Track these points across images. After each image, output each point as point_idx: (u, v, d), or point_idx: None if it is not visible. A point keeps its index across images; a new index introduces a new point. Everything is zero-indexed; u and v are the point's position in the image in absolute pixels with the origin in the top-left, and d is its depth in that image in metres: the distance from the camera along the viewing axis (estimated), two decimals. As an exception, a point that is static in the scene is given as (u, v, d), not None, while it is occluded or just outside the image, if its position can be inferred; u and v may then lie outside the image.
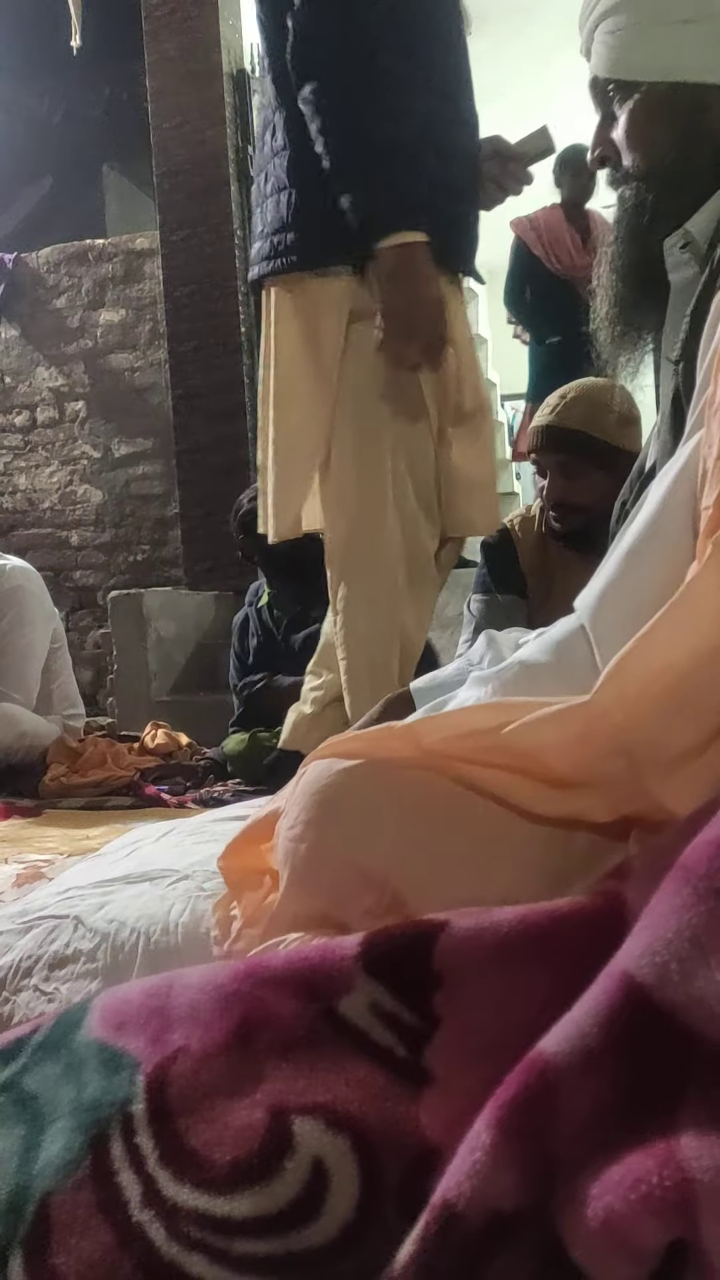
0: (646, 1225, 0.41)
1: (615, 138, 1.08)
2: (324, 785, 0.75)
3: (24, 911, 1.09)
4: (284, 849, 0.77)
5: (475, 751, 0.70)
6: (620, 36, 1.03)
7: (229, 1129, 0.52)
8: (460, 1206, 0.44)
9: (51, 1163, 0.53)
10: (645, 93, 1.04)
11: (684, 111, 1.02)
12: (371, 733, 0.77)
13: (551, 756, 0.67)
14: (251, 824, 0.87)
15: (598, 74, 1.08)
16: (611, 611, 0.77)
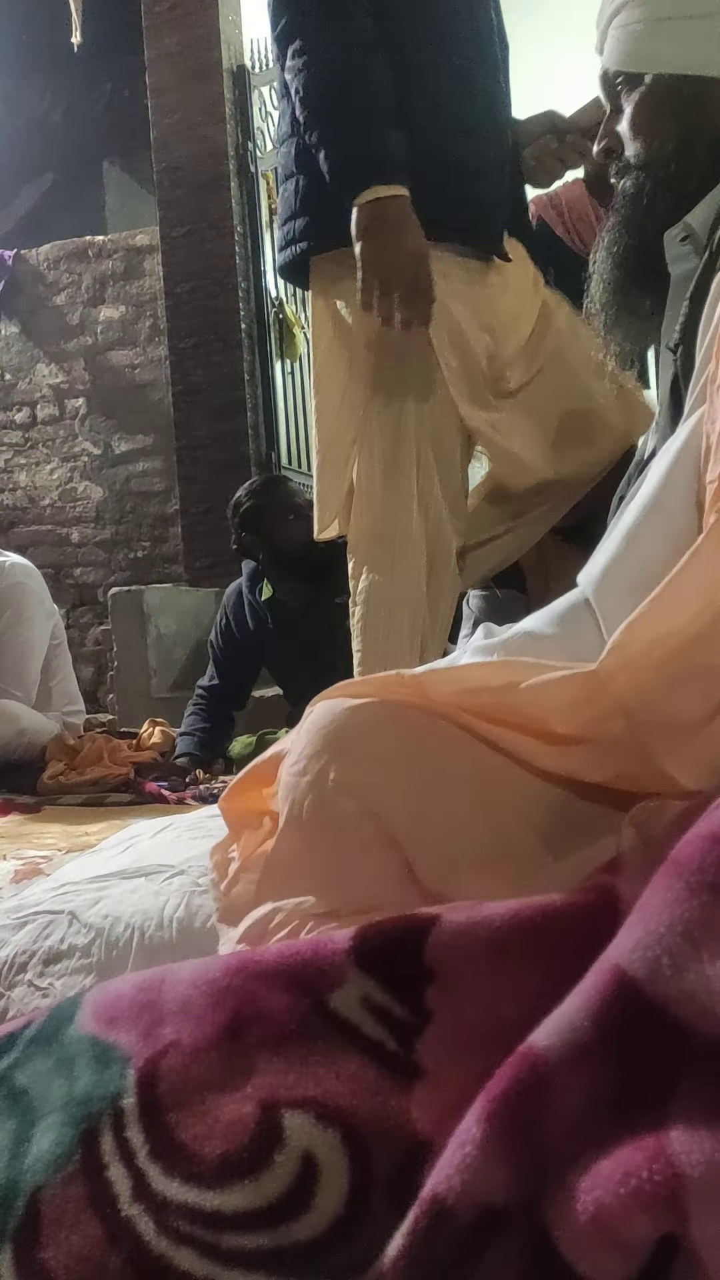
0: (636, 1219, 0.41)
1: (620, 129, 1.12)
2: (330, 720, 0.75)
3: (19, 907, 1.09)
4: (286, 784, 0.76)
5: (481, 707, 0.70)
6: (631, 30, 1.06)
7: (219, 1123, 0.52)
8: (450, 1201, 0.44)
9: (42, 1157, 0.53)
10: (651, 84, 1.07)
11: (687, 103, 1.05)
12: (380, 678, 0.77)
13: (554, 719, 0.67)
14: (255, 765, 0.86)
15: (608, 67, 1.11)
16: (615, 585, 0.78)
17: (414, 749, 0.72)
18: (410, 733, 0.73)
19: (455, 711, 0.71)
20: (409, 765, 0.72)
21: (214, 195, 4.48)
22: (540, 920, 0.55)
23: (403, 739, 0.73)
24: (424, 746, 0.72)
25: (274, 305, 4.65)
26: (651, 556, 0.76)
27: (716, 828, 0.50)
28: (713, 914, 0.47)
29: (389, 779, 0.72)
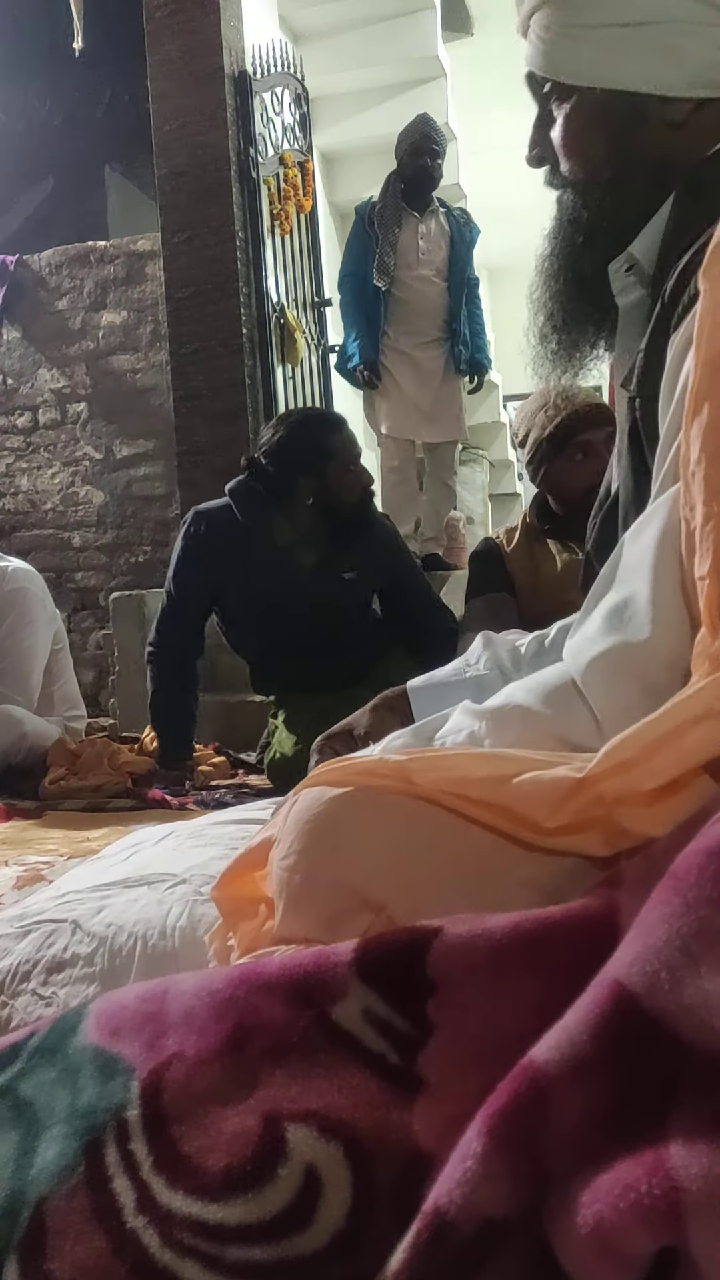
0: (635, 1233, 0.42)
1: (553, 139, 1.01)
2: (316, 813, 0.75)
3: (22, 915, 1.09)
4: (278, 879, 0.77)
5: (466, 797, 0.70)
6: (554, 34, 0.95)
7: (222, 1135, 0.52)
8: (451, 1214, 0.44)
9: (46, 1168, 0.54)
10: (581, 97, 0.97)
11: (621, 121, 0.95)
12: (363, 763, 0.77)
13: (541, 815, 0.67)
14: (244, 852, 0.87)
15: (533, 70, 1.01)
16: (602, 672, 0.76)
17: (406, 837, 0.72)
18: (400, 820, 0.72)
19: (443, 796, 0.71)
20: (402, 854, 0.71)
21: (215, 200, 4.49)
22: (540, 933, 0.56)
23: (393, 828, 0.72)
24: (415, 833, 0.71)
25: (275, 310, 4.66)
26: (640, 650, 0.75)
27: (713, 843, 0.50)
28: (710, 929, 0.47)
29: (383, 870, 0.71)
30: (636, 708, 0.72)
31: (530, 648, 1.17)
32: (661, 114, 0.94)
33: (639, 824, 0.64)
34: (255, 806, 1.70)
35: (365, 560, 2.79)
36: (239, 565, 2.69)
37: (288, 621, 2.73)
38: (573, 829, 0.67)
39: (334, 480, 2.67)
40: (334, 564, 2.75)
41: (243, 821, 1.43)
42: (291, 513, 2.70)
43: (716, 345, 0.73)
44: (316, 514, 2.69)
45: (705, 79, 0.92)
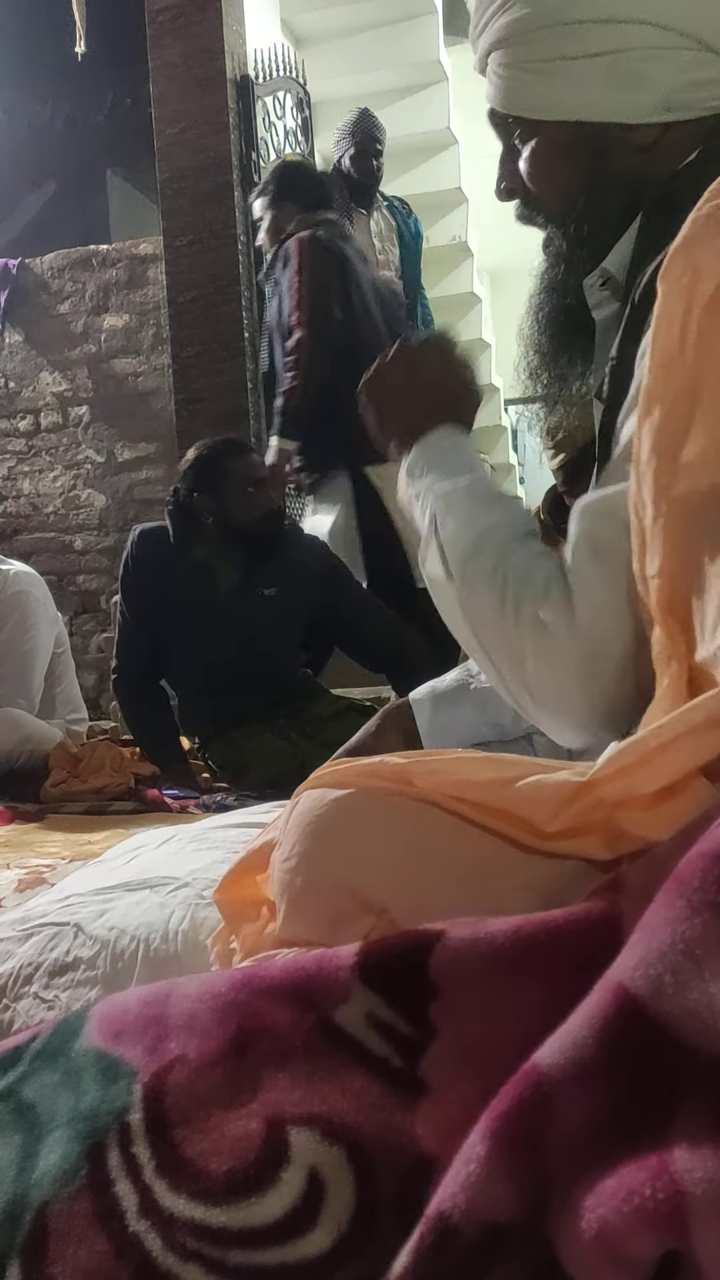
0: (640, 1237, 0.42)
1: (522, 172, 1.01)
2: (317, 815, 0.75)
3: (24, 919, 1.09)
4: (280, 881, 0.77)
5: (466, 800, 0.70)
6: (514, 71, 0.94)
7: (225, 1139, 0.52)
8: (455, 1218, 0.44)
9: (49, 1172, 0.53)
10: (546, 131, 0.96)
11: (588, 151, 0.94)
12: (363, 765, 0.77)
13: (542, 819, 0.68)
14: (246, 855, 0.87)
15: (496, 108, 0.99)
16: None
17: (407, 839, 0.72)
18: (402, 822, 0.72)
19: (444, 799, 0.71)
20: (404, 856, 0.71)
21: (217, 204, 4.49)
22: (543, 937, 0.56)
23: (395, 829, 0.72)
24: (417, 835, 0.71)
25: (277, 314, 4.66)
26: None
27: (717, 846, 0.50)
28: (714, 932, 0.47)
29: (385, 872, 0.72)
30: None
31: None
32: (628, 140, 0.93)
33: (640, 828, 0.64)
34: (258, 810, 1.70)
35: (285, 578, 2.86)
36: (165, 587, 2.80)
37: (212, 644, 2.79)
38: (573, 833, 0.67)
39: (230, 500, 2.79)
40: (253, 581, 2.83)
41: (245, 825, 1.42)
42: (198, 533, 2.82)
43: (670, 348, 0.73)
44: (221, 533, 2.79)
45: (672, 102, 0.91)
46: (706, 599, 0.69)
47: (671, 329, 0.73)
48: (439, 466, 0.97)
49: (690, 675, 0.70)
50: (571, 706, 0.84)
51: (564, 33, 0.90)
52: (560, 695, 0.84)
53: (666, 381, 0.73)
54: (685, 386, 0.72)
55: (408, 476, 1.00)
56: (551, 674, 0.83)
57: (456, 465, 0.97)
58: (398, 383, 1.04)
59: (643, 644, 0.76)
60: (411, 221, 4.42)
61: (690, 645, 0.70)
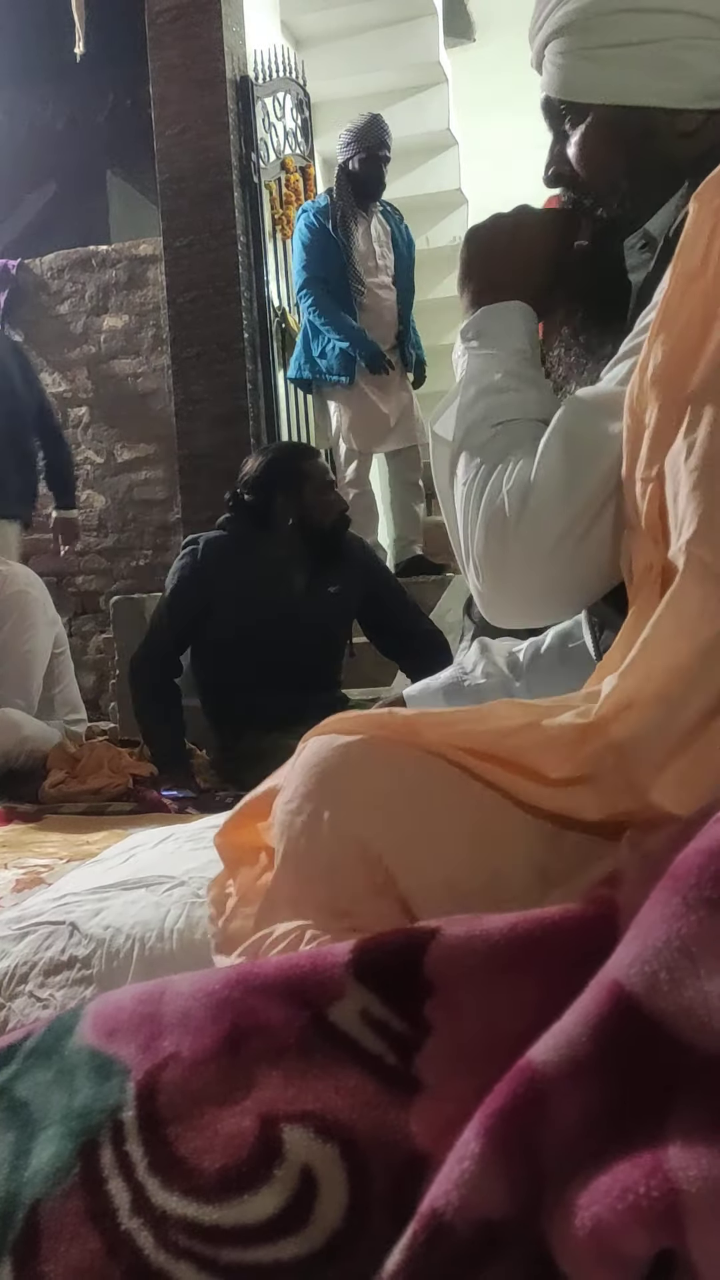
0: (634, 1235, 0.41)
1: (570, 154, 1.06)
2: (322, 759, 0.76)
3: (20, 917, 1.09)
4: (281, 822, 0.77)
5: (474, 748, 0.71)
6: (569, 58, 1.00)
7: (218, 1136, 0.52)
8: (449, 1216, 0.44)
9: (41, 1170, 0.53)
10: (595, 115, 1.02)
11: (634, 134, 1.00)
12: (371, 715, 0.78)
13: (548, 763, 0.68)
14: (249, 800, 0.87)
15: (549, 94, 1.05)
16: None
17: (409, 788, 0.72)
18: (405, 771, 0.73)
19: (449, 750, 0.72)
20: (404, 806, 0.72)
21: (217, 205, 4.49)
22: (539, 934, 0.56)
23: (398, 778, 0.73)
24: (419, 785, 0.72)
25: (276, 315, 4.66)
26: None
27: (714, 843, 0.50)
28: (710, 929, 0.47)
29: (385, 820, 0.72)
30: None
31: (527, 654, 1.17)
32: (672, 125, 0.98)
33: (661, 794, 0.64)
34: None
35: (345, 574, 2.99)
36: (232, 590, 2.86)
37: (284, 643, 2.85)
38: (580, 780, 0.67)
39: (310, 502, 2.87)
40: (320, 580, 2.94)
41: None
42: (274, 535, 2.88)
43: (693, 261, 0.75)
44: (296, 536, 2.87)
45: (714, 90, 0.96)
46: (680, 498, 0.71)
47: (697, 244, 0.75)
48: (490, 336, 1.02)
49: (663, 578, 0.73)
50: (509, 581, 0.89)
51: (615, 21, 0.97)
52: (499, 569, 0.89)
53: (685, 293, 0.75)
54: (703, 299, 0.74)
55: (461, 336, 1.04)
56: (499, 547, 0.88)
57: (506, 341, 1.01)
58: (499, 241, 1.07)
59: (586, 538, 0.83)
60: (405, 228, 4.44)
61: (667, 548, 0.72)
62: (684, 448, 0.72)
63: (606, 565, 0.85)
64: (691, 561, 0.68)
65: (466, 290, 1.07)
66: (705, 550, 0.68)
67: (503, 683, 1.13)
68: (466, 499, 0.92)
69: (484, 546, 0.89)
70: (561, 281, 1.06)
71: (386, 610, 3.07)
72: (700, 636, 0.66)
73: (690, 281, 0.75)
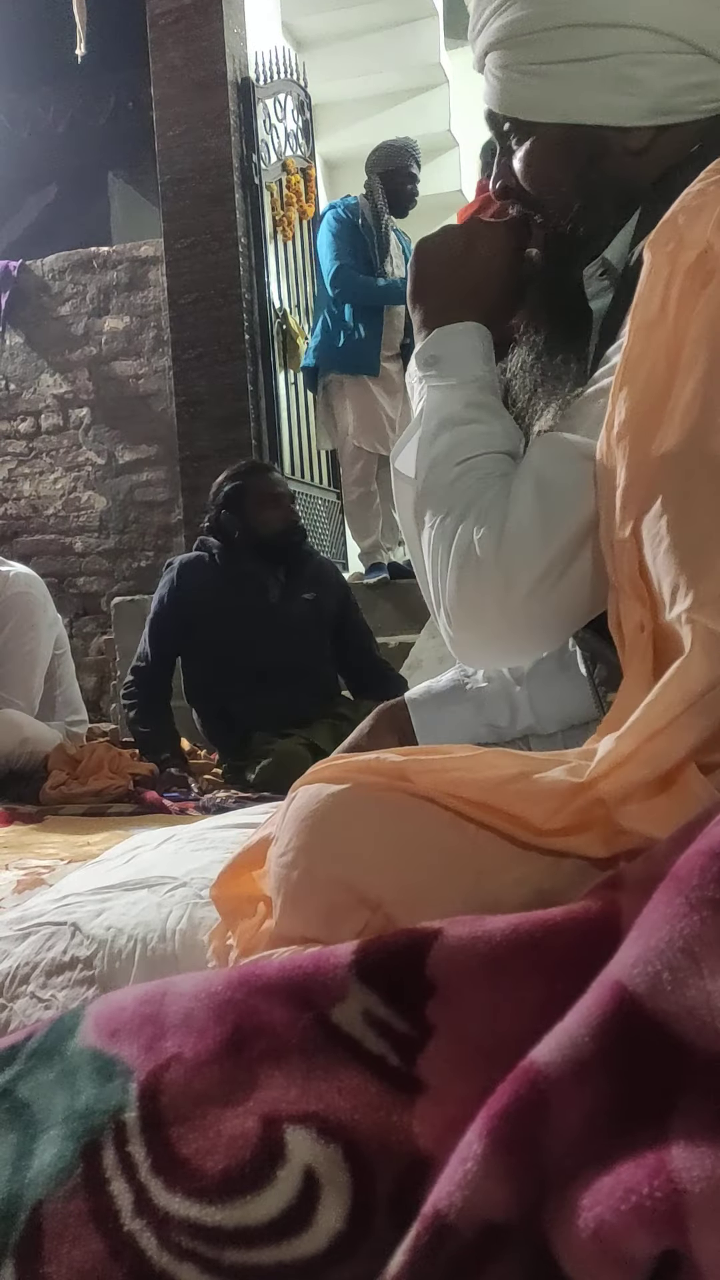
0: (637, 1236, 0.41)
1: (516, 169, 1.00)
2: (313, 810, 0.75)
3: (21, 918, 1.09)
4: (276, 876, 0.77)
5: (464, 799, 0.71)
6: (511, 73, 0.94)
7: (221, 1137, 0.52)
8: (451, 1217, 0.44)
9: (44, 1171, 0.53)
10: (540, 133, 0.96)
11: (582, 153, 0.94)
12: (360, 761, 0.77)
13: (537, 816, 0.68)
14: (243, 851, 0.87)
15: (491, 108, 0.99)
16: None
17: (403, 833, 0.72)
18: (398, 817, 0.72)
19: (440, 795, 0.71)
20: (399, 850, 0.71)
21: (218, 207, 4.49)
22: (541, 934, 0.56)
23: (391, 824, 0.72)
24: (413, 830, 0.72)
25: (277, 316, 4.67)
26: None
27: (716, 844, 0.50)
28: (713, 929, 0.47)
29: (380, 866, 0.72)
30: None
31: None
32: (622, 143, 0.93)
33: (637, 822, 0.64)
34: (256, 810, 1.69)
35: (321, 587, 3.16)
36: (210, 605, 3.01)
37: (265, 645, 2.97)
38: (571, 830, 0.67)
39: (251, 514, 3.03)
40: (294, 588, 3.08)
41: (243, 826, 1.42)
42: (230, 548, 3.05)
43: (652, 311, 0.74)
44: (250, 547, 3.03)
45: (666, 106, 0.91)
46: (659, 557, 0.70)
47: (654, 293, 0.74)
48: (447, 362, 0.97)
49: (655, 641, 0.72)
50: (485, 625, 0.88)
51: (559, 36, 0.91)
52: (474, 613, 0.87)
53: (647, 343, 0.74)
54: (665, 349, 0.73)
55: (416, 360, 1.00)
56: (474, 592, 0.86)
57: (465, 367, 0.96)
58: (451, 256, 1.01)
59: (563, 578, 0.82)
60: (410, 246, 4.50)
61: (654, 608, 0.72)
62: (660, 512, 0.71)
63: (585, 602, 0.84)
64: (699, 631, 0.67)
65: (418, 310, 1.01)
66: (707, 617, 0.67)
67: (504, 687, 1.13)
68: (435, 543, 0.89)
69: (456, 592, 0.87)
70: (519, 301, 1.02)
71: (347, 640, 3.23)
72: (691, 697, 0.66)
73: (650, 331, 0.74)
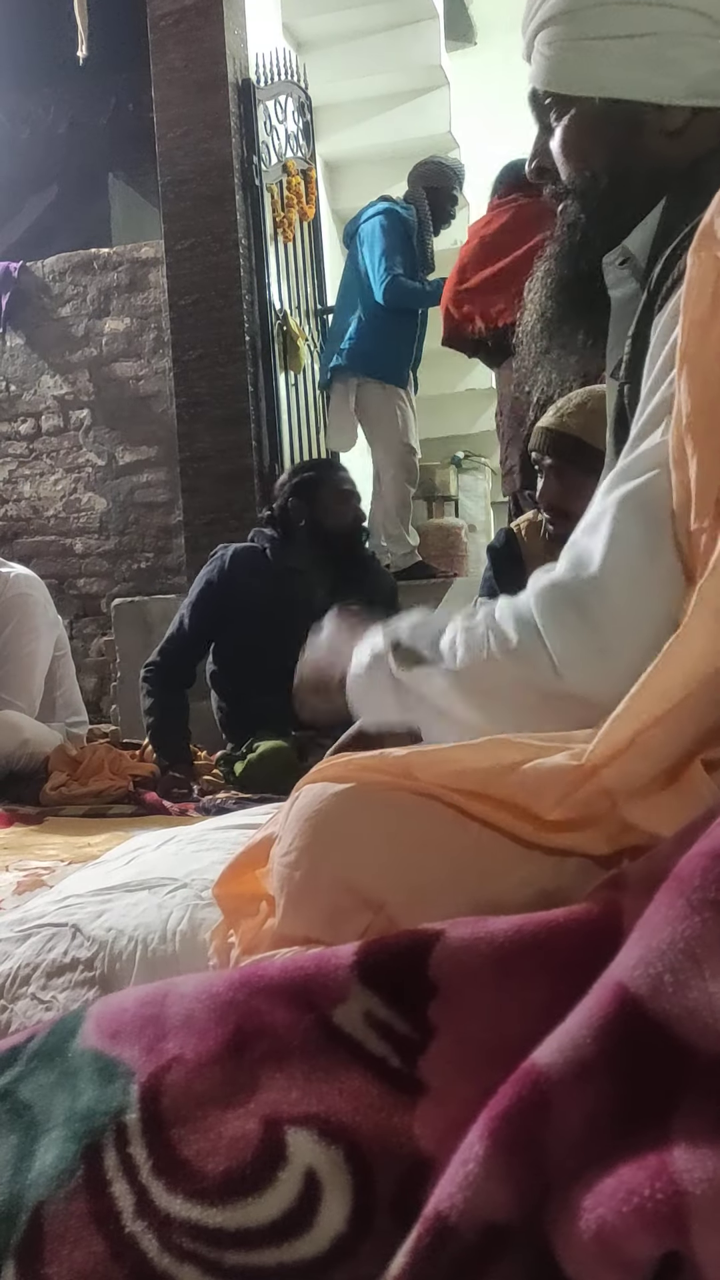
0: (639, 1237, 0.41)
1: (553, 148, 1.04)
2: (317, 810, 0.75)
3: (22, 919, 1.09)
4: (279, 875, 0.77)
5: (470, 789, 0.70)
6: (557, 49, 0.99)
7: (222, 1139, 0.52)
8: (453, 1219, 0.44)
9: (45, 1172, 0.53)
10: (580, 107, 0.99)
11: (619, 129, 0.97)
12: (364, 759, 0.77)
13: (544, 806, 0.68)
14: (246, 850, 0.87)
15: (535, 86, 1.04)
16: (546, 604, 0.80)
17: (406, 833, 0.72)
18: (401, 816, 0.72)
19: (444, 792, 0.71)
20: (402, 851, 0.72)
21: (218, 208, 4.49)
22: (543, 935, 0.56)
23: (394, 824, 0.73)
24: (416, 830, 0.72)
25: (278, 318, 4.66)
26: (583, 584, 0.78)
27: (717, 846, 0.50)
28: (714, 931, 0.47)
29: (384, 866, 0.72)
30: (581, 646, 0.76)
31: None
32: (659, 122, 0.97)
33: (641, 818, 0.64)
34: (257, 811, 1.69)
35: (369, 596, 3.01)
36: (252, 599, 2.93)
37: (288, 649, 2.83)
38: (576, 824, 0.67)
39: (323, 505, 2.96)
40: (341, 595, 2.96)
41: (244, 827, 1.42)
42: (295, 545, 2.97)
43: (703, 309, 0.75)
44: (313, 540, 2.95)
45: (703, 89, 0.95)
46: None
47: (703, 294, 0.75)
48: (367, 697, 0.97)
49: None
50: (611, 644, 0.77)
51: (605, 13, 0.95)
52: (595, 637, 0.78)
53: (702, 340, 0.75)
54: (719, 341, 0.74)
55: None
56: (578, 620, 0.78)
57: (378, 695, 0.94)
58: (318, 678, 1.12)
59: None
60: None
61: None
62: None
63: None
64: (700, 603, 0.67)
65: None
66: (713, 592, 0.67)
67: None
68: (505, 640, 0.81)
69: (561, 636, 0.78)
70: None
71: None
72: (697, 677, 0.65)
73: (705, 329, 0.75)
